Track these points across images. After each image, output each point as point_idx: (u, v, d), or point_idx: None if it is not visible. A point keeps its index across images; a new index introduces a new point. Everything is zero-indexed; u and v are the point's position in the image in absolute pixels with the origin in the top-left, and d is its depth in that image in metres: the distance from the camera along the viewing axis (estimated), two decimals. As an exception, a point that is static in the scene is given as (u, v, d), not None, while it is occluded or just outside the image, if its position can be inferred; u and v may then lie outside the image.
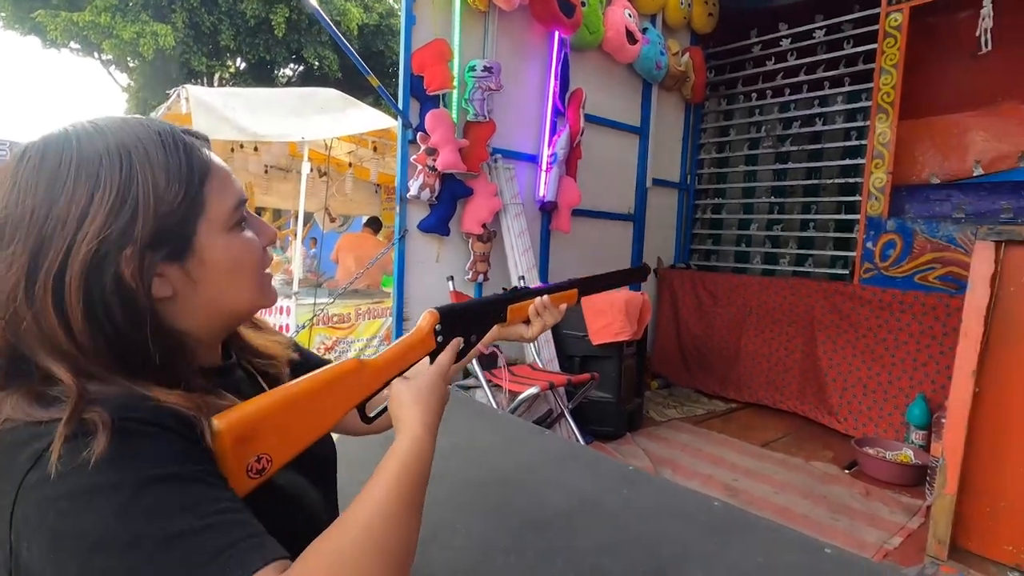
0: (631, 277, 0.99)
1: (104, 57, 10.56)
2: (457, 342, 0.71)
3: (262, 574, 0.40)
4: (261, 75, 10.88)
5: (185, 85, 4.12)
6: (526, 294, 0.81)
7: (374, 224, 5.66)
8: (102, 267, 0.47)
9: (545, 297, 0.81)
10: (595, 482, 1.44)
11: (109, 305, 0.47)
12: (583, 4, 3.11)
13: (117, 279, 0.47)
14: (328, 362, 0.84)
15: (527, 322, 0.81)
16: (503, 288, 0.88)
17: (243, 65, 11.01)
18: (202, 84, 10.30)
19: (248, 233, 0.58)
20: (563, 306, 0.83)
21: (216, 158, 0.56)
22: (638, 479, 1.47)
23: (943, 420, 2.31)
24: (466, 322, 0.73)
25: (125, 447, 0.42)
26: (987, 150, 2.90)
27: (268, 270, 0.61)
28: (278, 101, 4.87)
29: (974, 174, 2.90)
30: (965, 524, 1.79)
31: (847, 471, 2.63)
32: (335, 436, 0.79)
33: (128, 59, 10.21)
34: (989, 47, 2.64)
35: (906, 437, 2.79)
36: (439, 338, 0.68)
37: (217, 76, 10.75)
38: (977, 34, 2.67)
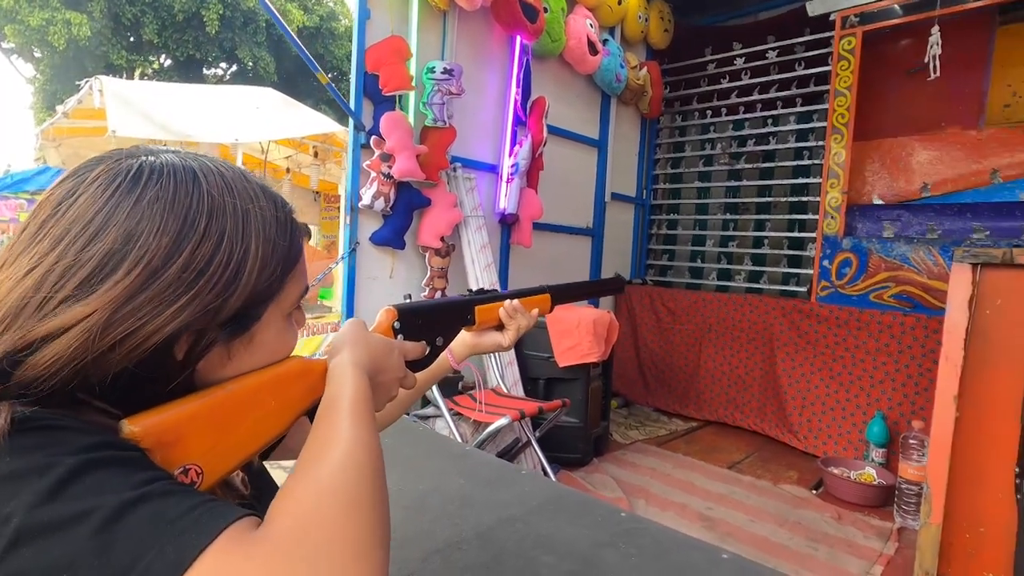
0: (605, 290, 0.92)
1: (5, 44, 9.55)
2: (422, 345, 0.63)
3: (242, 524, 0.34)
4: (189, 73, 10.17)
5: (99, 76, 3.68)
6: (495, 296, 0.75)
7: (304, 232, 5.25)
8: (174, 337, 0.40)
9: (515, 300, 0.76)
10: (590, 535, 1.26)
11: (141, 364, 0.40)
12: (545, 10, 2.99)
13: (167, 347, 0.41)
14: None
15: (499, 328, 0.75)
16: (468, 290, 0.80)
17: (168, 62, 10.27)
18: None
19: (294, 323, 0.52)
20: (535, 312, 0.78)
21: None
22: (635, 528, 1.31)
23: (911, 441, 2.31)
24: (429, 322, 0.65)
25: (44, 436, 0.35)
26: (932, 172, 2.99)
27: None
28: (209, 99, 4.47)
29: (922, 195, 2.99)
30: (946, 552, 1.75)
31: (814, 492, 2.60)
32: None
33: (34, 48, 9.27)
34: (938, 73, 2.72)
35: (865, 455, 2.80)
36: (399, 337, 0.61)
37: (138, 72, 9.94)
38: (926, 60, 2.75)
